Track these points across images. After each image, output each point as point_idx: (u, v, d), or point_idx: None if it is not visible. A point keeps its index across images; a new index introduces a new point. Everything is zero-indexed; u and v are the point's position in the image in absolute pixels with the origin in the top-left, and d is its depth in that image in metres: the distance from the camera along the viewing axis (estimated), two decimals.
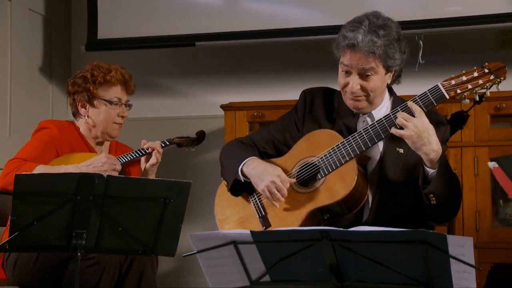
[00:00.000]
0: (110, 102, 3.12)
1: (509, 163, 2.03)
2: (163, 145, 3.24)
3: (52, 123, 3.14)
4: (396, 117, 2.44)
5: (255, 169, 2.61)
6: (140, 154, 3.16)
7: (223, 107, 4.03)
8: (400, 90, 2.75)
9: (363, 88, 2.54)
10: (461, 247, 1.79)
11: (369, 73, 2.53)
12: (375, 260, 1.86)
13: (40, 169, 2.89)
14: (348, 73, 2.56)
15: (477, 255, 3.36)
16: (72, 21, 4.81)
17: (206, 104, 4.48)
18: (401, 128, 2.42)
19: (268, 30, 4.09)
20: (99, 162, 2.95)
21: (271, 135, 2.76)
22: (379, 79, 2.55)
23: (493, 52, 3.96)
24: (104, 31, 4.37)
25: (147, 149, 3.15)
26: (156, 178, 2.40)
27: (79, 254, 2.35)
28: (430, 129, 2.41)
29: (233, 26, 4.16)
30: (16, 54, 4.33)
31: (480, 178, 3.54)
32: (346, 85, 2.58)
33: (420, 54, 3.80)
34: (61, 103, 4.62)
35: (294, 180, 2.60)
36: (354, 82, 2.54)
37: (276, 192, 2.54)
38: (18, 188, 2.30)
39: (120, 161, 3.06)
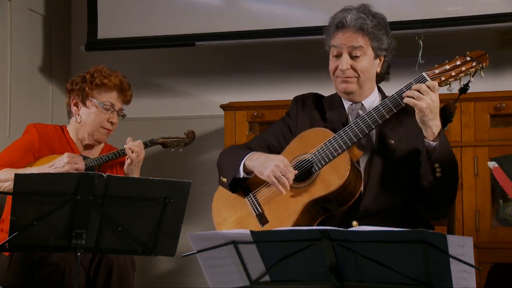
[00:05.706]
0: (102, 105, 3.12)
1: (509, 163, 2.03)
2: (145, 145, 3.19)
3: (35, 127, 3.14)
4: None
5: (257, 159, 2.63)
6: (116, 156, 3.13)
7: (223, 107, 4.03)
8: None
9: (353, 68, 2.61)
10: (461, 247, 1.79)
11: (359, 53, 2.60)
12: (375, 260, 1.87)
13: (3, 173, 2.92)
14: (338, 56, 2.63)
15: (477, 255, 3.36)
16: (72, 21, 4.81)
17: (206, 104, 4.47)
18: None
19: (268, 30, 4.09)
20: (61, 163, 2.95)
21: (265, 140, 2.79)
22: (368, 61, 2.62)
23: (493, 52, 3.95)
24: (104, 31, 4.37)
25: (122, 150, 3.11)
26: (156, 178, 2.39)
27: (79, 254, 2.35)
28: (438, 105, 2.48)
29: (233, 26, 4.16)
30: (16, 54, 4.33)
31: (480, 178, 3.54)
32: (336, 68, 2.64)
33: (420, 54, 3.80)
34: (61, 103, 4.58)
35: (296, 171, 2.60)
36: (344, 61, 2.60)
37: (281, 176, 2.55)
38: (17, 188, 2.30)
39: (93, 163, 3.04)
